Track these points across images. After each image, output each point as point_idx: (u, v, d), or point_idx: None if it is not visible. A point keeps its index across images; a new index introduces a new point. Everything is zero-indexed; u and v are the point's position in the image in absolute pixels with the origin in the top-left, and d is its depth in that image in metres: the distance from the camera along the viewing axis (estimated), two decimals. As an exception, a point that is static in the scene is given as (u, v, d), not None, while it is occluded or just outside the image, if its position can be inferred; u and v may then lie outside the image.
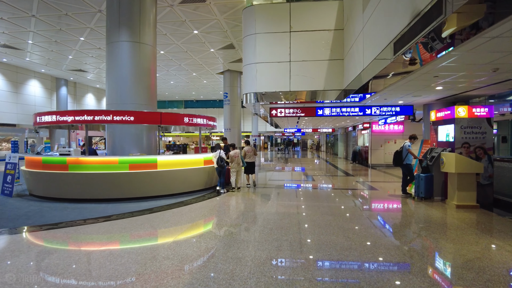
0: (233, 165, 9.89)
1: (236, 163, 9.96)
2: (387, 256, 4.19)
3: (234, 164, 9.91)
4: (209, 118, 10.43)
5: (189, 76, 30.43)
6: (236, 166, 9.98)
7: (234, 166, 9.91)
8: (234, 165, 9.91)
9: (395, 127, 18.69)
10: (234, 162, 9.91)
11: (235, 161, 9.91)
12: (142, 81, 10.66)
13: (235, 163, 9.92)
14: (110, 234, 5.33)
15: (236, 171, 10.02)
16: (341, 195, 9.14)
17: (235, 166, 9.92)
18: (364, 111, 10.55)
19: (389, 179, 12.96)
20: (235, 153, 9.99)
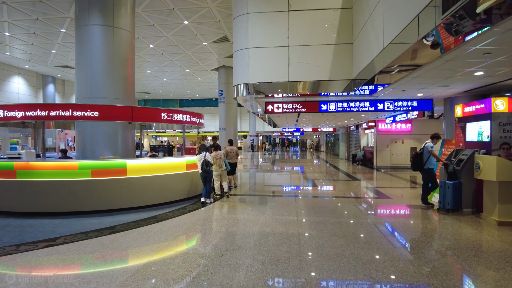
0: (214, 168, 8.46)
1: (217, 165, 8.50)
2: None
3: (216, 167, 8.45)
4: (194, 114, 8.93)
5: (182, 72, 28.92)
6: (218, 169, 8.52)
7: (215, 169, 8.46)
8: (216, 168, 8.45)
9: (403, 126, 17.23)
10: (216, 164, 8.45)
11: (217, 164, 8.46)
12: (116, 72, 9.15)
13: (217, 166, 8.47)
14: (36, 273, 3.81)
15: (219, 175, 8.57)
16: (349, 206, 7.64)
17: (216, 169, 8.47)
18: (375, 106, 9.08)
19: (399, 184, 11.48)
20: (217, 154, 8.52)
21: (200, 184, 8.33)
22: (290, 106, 9.23)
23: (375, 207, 7.68)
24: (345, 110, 9.22)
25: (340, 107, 9.14)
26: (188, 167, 8.18)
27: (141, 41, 19.70)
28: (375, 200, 8.44)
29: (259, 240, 4.87)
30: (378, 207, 7.66)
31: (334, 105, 9.14)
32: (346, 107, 9.17)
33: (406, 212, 7.10)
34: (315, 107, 9.17)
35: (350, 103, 9.15)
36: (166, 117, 7.73)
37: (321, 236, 5.09)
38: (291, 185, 11.18)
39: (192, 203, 7.80)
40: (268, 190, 9.95)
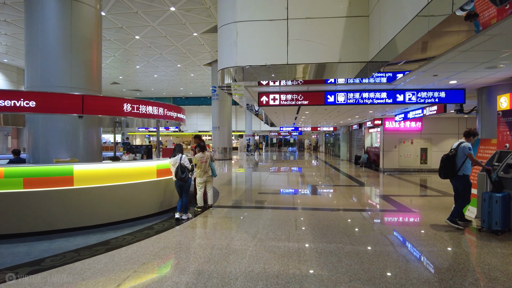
0: (198, 173, 6.85)
1: (202, 170, 6.87)
2: None
3: (200, 172, 6.82)
4: (170, 107, 7.24)
5: (173, 68, 27.20)
6: (203, 175, 6.89)
7: (200, 174, 6.83)
8: (200, 173, 6.82)
9: (412, 125, 15.62)
10: (200, 169, 6.81)
11: (202, 168, 6.82)
12: (76, 56, 7.47)
13: (201, 171, 6.84)
14: None
15: (204, 182, 6.94)
16: (364, 223, 5.98)
17: (201, 174, 6.85)
18: (394, 98, 7.41)
19: (415, 191, 9.84)
20: (202, 157, 6.89)
21: (177, 195, 6.65)
22: (289, 98, 7.53)
23: (398, 225, 6.02)
24: (357, 102, 7.54)
25: (350, 98, 7.45)
26: (160, 173, 6.50)
27: (125, 31, 17.99)
28: (395, 214, 6.78)
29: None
30: (402, 224, 6.01)
31: (343, 96, 7.46)
32: (358, 99, 7.49)
33: (441, 233, 5.43)
34: (320, 99, 7.47)
35: (363, 94, 7.49)
36: (130, 109, 6.03)
37: (336, 280, 3.42)
38: (289, 192, 9.51)
39: (164, 220, 6.12)
40: (262, 200, 8.28)
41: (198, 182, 6.87)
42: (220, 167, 18.95)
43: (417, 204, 7.70)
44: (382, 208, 7.43)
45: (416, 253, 4.35)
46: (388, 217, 6.49)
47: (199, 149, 6.96)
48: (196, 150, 6.99)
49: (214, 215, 6.56)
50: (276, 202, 7.95)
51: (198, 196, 6.94)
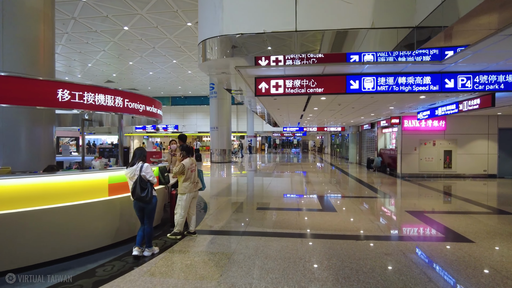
0: (185, 186, 5.00)
1: (192, 182, 5.04)
2: None
3: (189, 186, 4.99)
4: (135, 97, 5.36)
5: (169, 64, 25.39)
6: (192, 188, 5.06)
7: (188, 187, 5.01)
8: (188, 186, 4.97)
9: (435, 123, 13.65)
10: (189, 181, 5.01)
11: (192, 179, 5.04)
12: (12, 30, 5.61)
13: (191, 183, 5.03)
14: None
15: (192, 198, 5.15)
16: (410, 268, 4.06)
17: (190, 188, 5.02)
18: (441, 84, 5.43)
19: (453, 205, 7.87)
20: (191, 164, 5.06)
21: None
22: (297, 84, 5.59)
23: (462, 271, 4.08)
24: (389, 90, 5.58)
25: (382, 84, 5.51)
26: (114, 189, 4.61)
27: (112, 21, 16.15)
28: (448, 248, 4.84)
29: None
30: (467, 267, 4.07)
31: (371, 82, 5.51)
32: (392, 85, 5.53)
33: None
34: (340, 85, 5.51)
35: (399, 79, 5.53)
36: (68, 97, 4.15)
37: None
38: (295, 208, 7.61)
39: (117, 258, 4.22)
40: (261, 219, 6.38)
41: (184, 199, 4.98)
42: (217, 171, 17.04)
43: (468, 228, 5.76)
44: (424, 234, 5.49)
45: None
46: (440, 254, 4.55)
47: (185, 153, 5.08)
48: (179, 154, 5.10)
49: (191, 248, 4.65)
50: (278, 224, 6.03)
51: (178, 220, 5.03)
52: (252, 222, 6.14)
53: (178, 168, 4.92)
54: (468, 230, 5.57)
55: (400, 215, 6.88)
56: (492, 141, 13.50)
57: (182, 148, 5.06)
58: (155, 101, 6.11)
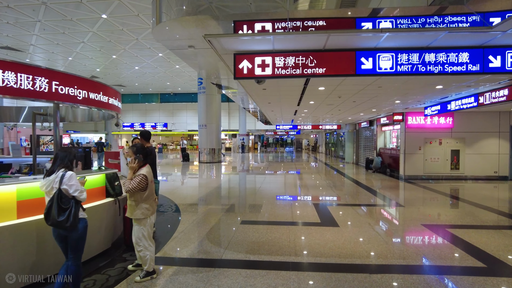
0: (147, 208, 3.62)
1: (150, 198, 3.65)
2: None
3: (152, 204, 3.68)
4: (70, 79, 3.95)
5: (155, 58, 23.87)
6: (155, 206, 3.75)
7: (151, 208, 3.67)
8: (152, 205, 3.69)
9: (441, 120, 12.42)
10: (151, 197, 3.67)
11: (148, 192, 3.60)
12: None
13: (152, 201, 3.68)
14: None
15: (152, 223, 3.79)
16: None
17: (153, 207, 3.72)
18: (483, 63, 3.98)
19: (474, 215, 6.60)
20: (150, 173, 3.69)
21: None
22: (290, 63, 4.20)
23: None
24: (414, 71, 4.20)
25: (403, 63, 4.11)
26: (27, 208, 3.21)
27: (87, 7, 14.57)
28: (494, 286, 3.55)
29: None
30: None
31: (389, 60, 4.11)
32: (417, 64, 4.15)
33: None
34: (347, 64, 4.10)
35: (425, 56, 4.20)
36: None
37: None
38: (288, 221, 6.29)
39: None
40: (246, 241, 5.05)
41: (147, 225, 3.58)
42: (204, 173, 15.63)
43: (508, 249, 4.48)
44: (455, 260, 4.19)
45: None
46: None
47: (141, 157, 3.62)
48: (132, 160, 3.59)
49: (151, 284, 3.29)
50: (266, 247, 4.69)
51: (148, 256, 3.56)
52: (233, 243, 4.78)
53: (137, 182, 3.44)
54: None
55: (417, 231, 5.57)
56: (503, 139, 12.32)
57: (137, 150, 3.60)
58: (107, 88, 4.71)
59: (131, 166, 3.48)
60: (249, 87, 6.93)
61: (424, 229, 5.62)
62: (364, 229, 5.56)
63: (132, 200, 3.50)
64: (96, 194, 4.18)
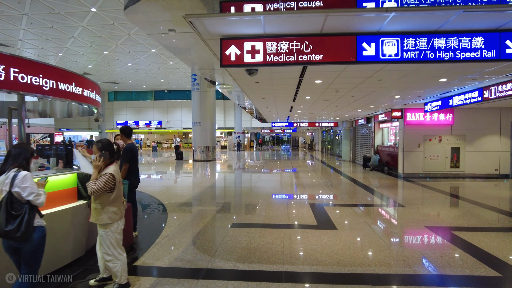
0: (115, 211, 3.15)
1: (118, 200, 3.18)
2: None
3: (120, 207, 3.21)
4: (34, 66, 3.49)
5: (148, 54, 23.32)
6: (123, 209, 3.28)
7: (119, 212, 3.20)
8: (120, 209, 3.22)
9: (441, 117, 12.07)
10: (120, 199, 3.20)
11: (115, 193, 3.15)
12: None
13: (121, 204, 3.22)
14: None
15: (120, 226, 3.27)
16: None
17: (121, 211, 3.25)
18: (499, 48, 3.58)
19: (487, 218, 6.23)
20: (118, 172, 3.23)
21: (54, 254, 2.92)
22: (283, 49, 3.73)
23: None
24: (422, 58, 3.74)
25: (410, 49, 3.63)
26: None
27: (75, 1, 14.12)
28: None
29: None
30: None
31: (394, 46, 3.66)
32: (426, 50, 3.69)
33: None
34: (348, 50, 3.60)
35: (434, 40, 3.78)
36: None
37: None
38: (284, 224, 5.88)
39: None
40: (232, 245, 4.63)
41: (115, 231, 3.14)
42: (198, 172, 15.19)
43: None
44: (470, 271, 3.79)
45: None
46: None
47: (108, 154, 3.16)
48: (97, 157, 3.10)
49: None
50: (258, 254, 4.27)
51: (118, 268, 3.11)
52: (222, 250, 4.35)
53: (103, 183, 3.00)
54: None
55: (421, 234, 5.18)
56: (504, 137, 11.99)
57: (102, 146, 3.16)
58: (81, 78, 4.25)
59: (95, 164, 3.04)
60: (240, 80, 6.49)
61: (428, 232, 5.23)
62: (364, 232, 5.15)
63: (97, 203, 3.06)
64: (65, 196, 3.74)
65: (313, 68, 5.47)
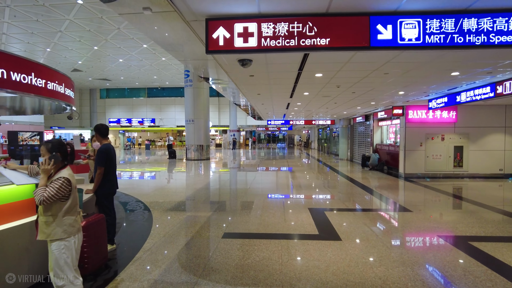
0: (70, 223, 2.56)
1: (73, 210, 2.57)
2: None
3: (76, 219, 2.62)
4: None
5: (139, 49, 22.58)
6: (79, 220, 2.69)
7: (76, 223, 2.62)
8: (76, 220, 2.63)
9: (444, 115, 11.56)
10: (75, 208, 2.61)
11: (71, 201, 2.56)
12: None
13: (71, 210, 2.57)
14: None
15: (78, 242, 2.66)
16: None
17: (78, 223, 2.67)
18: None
19: (503, 224, 5.71)
20: (73, 177, 2.63)
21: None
22: (282, 31, 3.03)
23: None
24: (448, 43, 3.10)
25: (434, 32, 2.96)
26: None
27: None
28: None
29: None
30: None
31: (415, 28, 3.06)
32: (453, 33, 3.01)
33: None
34: (358, 32, 2.93)
35: (463, 22, 3.17)
36: None
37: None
38: (277, 231, 5.32)
39: None
40: (222, 262, 4.06)
41: (70, 248, 2.54)
42: (191, 172, 14.56)
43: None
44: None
45: None
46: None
47: (60, 156, 2.56)
48: (45, 161, 2.52)
49: None
50: (252, 273, 3.68)
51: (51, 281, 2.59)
52: (210, 268, 3.75)
53: (56, 189, 2.43)
54: None
55: (435, 245, 4.63)
56: (509, 135, 11.53)
57: (52, 147, 2.56)
58: (45, 68, 3.60)
59: (44, 168, 2.46)
60: (233, 73, 5.87)
61: (443, 242, 4.68)
62: (372, 243, 4.59)
63: (48, 215, 2.46)
64: (21, 209, 3.11)
65: (315, 59, 4.88)
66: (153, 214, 6.25)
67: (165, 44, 4.74)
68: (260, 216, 6.12)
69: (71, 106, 4.43)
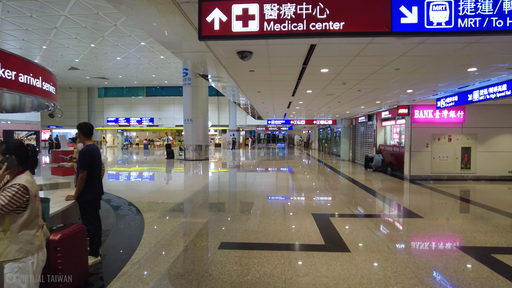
0: (29, 240, 2.13)
1: (33, 223, 2.13)
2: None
3: (38, 235, 2.18)
4: None
5: (137, 47, 22.11)
6: (43, 238, 2.25)
7: (38, 240, 2.17)
8: (38, 236, 2.19)
9: (451, 114, 11.12)
10: (36, 221, 2.17)
11: (28, 213, 2.13)
12: None
13: (30, 223, 2.12)
14: None
15: (39, 263, 2.21)
16: None
17: (40, 240, 2.21)
18: None
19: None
20: (32, 183, 2.17)
21: None
22: (288, 13, 2.49)
23: None
24: (485, 27, 2.59)
25: (468, 14, 2.48)
26: None
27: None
28: None
29: None
30: None
31: (445, 11, 2.63)
32: (491, 15, 2.53)
33: None
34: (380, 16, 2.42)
35: (505, 1, 2.79)
36: None
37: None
38: (278, 241, 4.88)
39: None
40: (217, 278, 3.62)
41: (28, 270, 2.11)
42: (188, 173, 14.11)
43: None
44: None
45: None
46: None
47: (14, 159, 2.14)
48: (13, 168, 2.14)
49: None
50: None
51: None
52: (204, 286, 3.31)
53: (9, 197, 2.00)
54: None
55: (455, 259, 4.18)
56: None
57: (6, 149, 2.16)
58: (16, 59, 3.16)
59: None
60: (232, 67, 5.42)
61: (463, 255, 4.23)
62: (383, 255, 4.14)
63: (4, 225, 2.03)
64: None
65: (322, 51, 4.43)
66: (145, 220, 5.80)
67: (156, 36, 4.30)
68: (260, 222, 5.67)
69: (51, 102, 3.99)
